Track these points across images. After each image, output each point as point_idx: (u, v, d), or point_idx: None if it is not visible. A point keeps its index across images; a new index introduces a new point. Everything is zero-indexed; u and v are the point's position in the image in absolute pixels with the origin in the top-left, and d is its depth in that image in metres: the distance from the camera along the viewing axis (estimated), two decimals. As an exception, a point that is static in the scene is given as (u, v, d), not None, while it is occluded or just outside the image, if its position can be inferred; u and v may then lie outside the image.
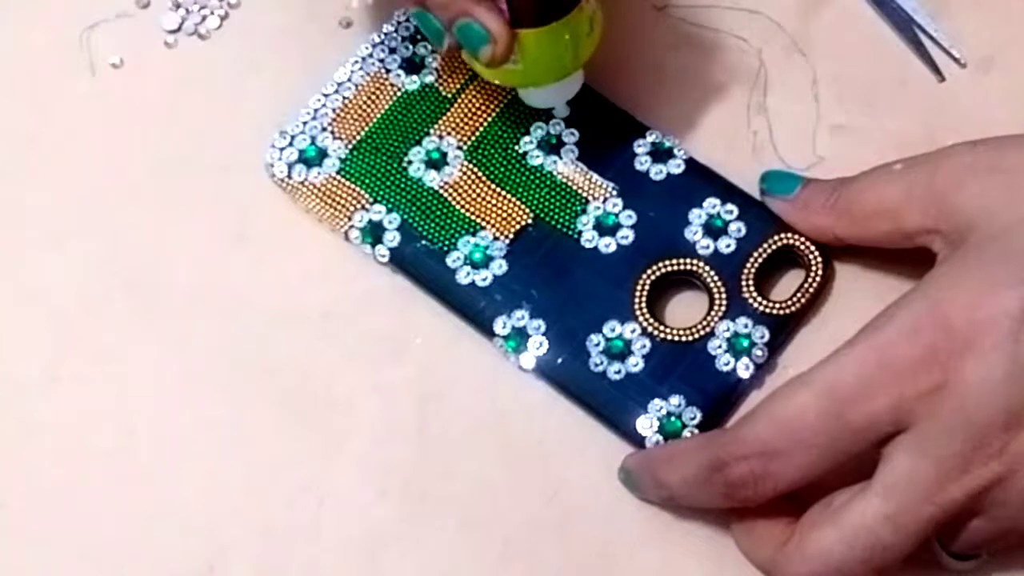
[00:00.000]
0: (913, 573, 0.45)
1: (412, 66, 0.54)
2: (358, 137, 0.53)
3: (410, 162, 0.53)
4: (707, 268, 0.50)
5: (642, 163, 0.52)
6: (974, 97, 0.48)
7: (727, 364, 0.49)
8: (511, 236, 0.51)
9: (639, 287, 0.50)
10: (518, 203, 0.52)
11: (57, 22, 0.56)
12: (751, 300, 0.50)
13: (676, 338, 0.50)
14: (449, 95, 0.54)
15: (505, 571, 0.49)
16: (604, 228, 0.51)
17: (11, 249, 0.53)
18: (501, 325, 0.50)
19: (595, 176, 0.52)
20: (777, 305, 0.50)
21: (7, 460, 0.51)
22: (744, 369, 0.49)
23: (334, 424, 0.50)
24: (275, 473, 0.50)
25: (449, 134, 0.53)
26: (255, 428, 0.51)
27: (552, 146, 0.53)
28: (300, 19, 0.56)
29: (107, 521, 0.50)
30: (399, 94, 0.54)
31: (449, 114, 0.53)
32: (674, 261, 0.51)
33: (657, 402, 0.49)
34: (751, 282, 0.50)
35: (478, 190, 0.52)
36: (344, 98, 0.54)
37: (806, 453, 0.44)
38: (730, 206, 0.51)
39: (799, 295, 0.50)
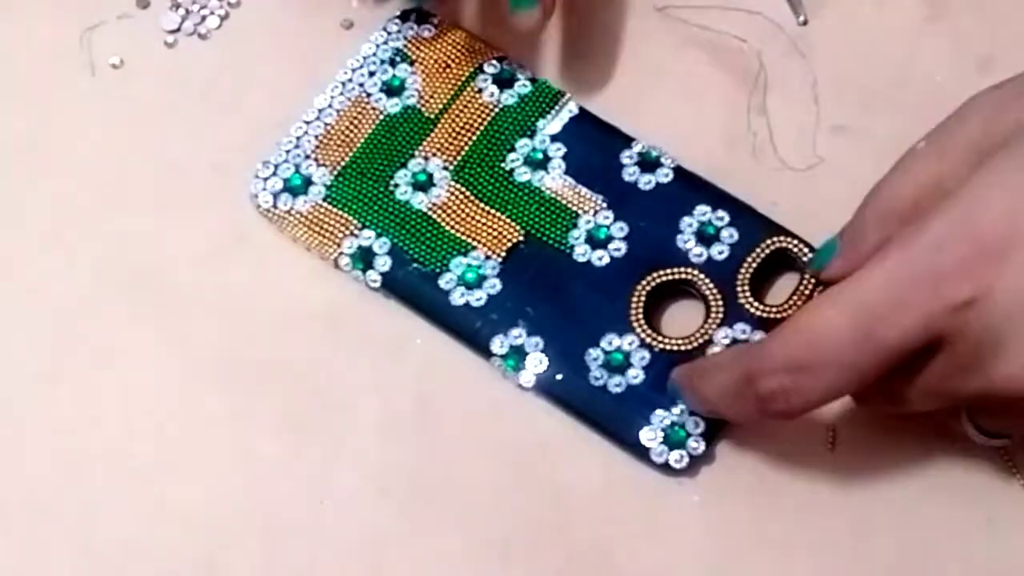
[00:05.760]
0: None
1: (392, 89, 0.54)
2: (343, 163, 0.53)
3: (396, 185, 0.52)
4: (702, 276, 0.50)
5: (630, 174, 0.52)
6: (974, 97, 0.48)
7: None
8: (503, 254, 0.51)
9: (635, 298, 0.50)
10: (508, 221, 0.52)
11: (57, 22, 0.56)
12: (747, 305, 0.50)
13: (675, 348, 0.50)
14: (432, 116, 0.53)
15: (505, 571, 0.49)
16: (596, 241, 0.51)
17: (11, 249, 0.53)
18: (498, 344, 0.50)
19: (584, 190, 0.52)
20: (774, 309, 0.50)
21: (7, 460, 0.51)
22: (744, 375, 0.49)
23: (334, 424, 0.50)
24: (275, 473, 0.50)
25: (434, 155, 0.53)
26: (255, 428, 0.51)
27: (538, 162, 0.52)
28: (300, 19, 0.56)
29: (107, 521, 0.50)
30: (381, 117, 0.54)
31: (433, 135, 0.53)
32: (668, 270, 0.51)
33: (660, 413, 0.49)
34: (746, 287, 0.50)
35: (467, 210, 0.52)
36: (326, 124, 0.54)
37: (836, 371, 0.43)
38: (721, 212, 0.51)
39: (795, 298, 0.50)
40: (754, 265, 0.50)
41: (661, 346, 0.50)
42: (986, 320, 0.42)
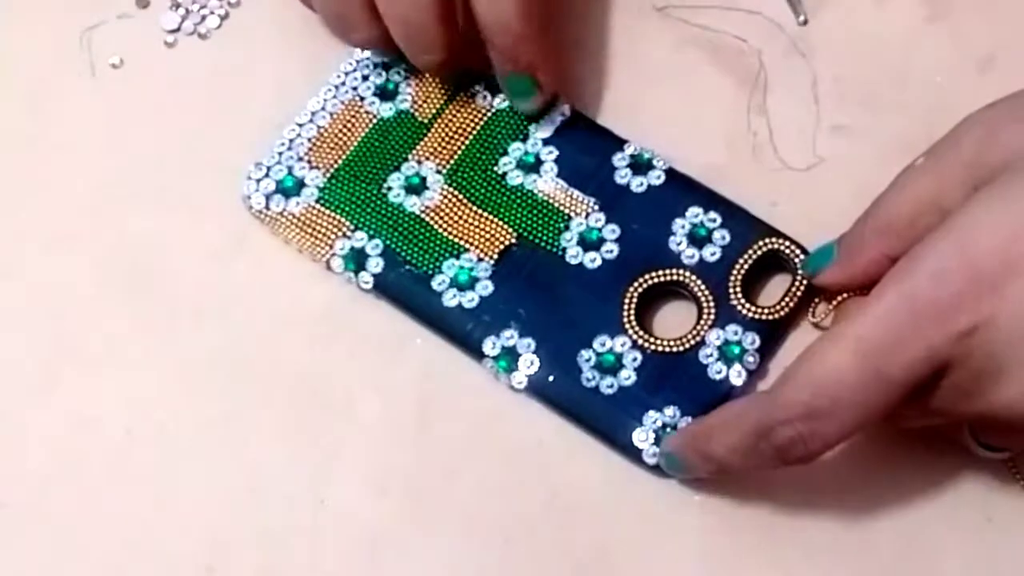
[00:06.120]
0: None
1: (386, 93, 0.54)
2: (336, 165, 0.53)
3: (390, 188, 0.52)
4: (694, 277, 0.50)
5: (622, 176, 0.52)
6: (974, 97, 0.48)
7: (719, 372, 0.49)
8: (496, 257, 0.51)
9: (627, 300, 0.50)
10: (501, 223, 0.52)
11: (57, 22, 0.56)
12: (739, 307, 0.50)
13: (667, 349, 0.50)
14: (425, 120, 0.53)
15: (505, 571, 0.49)
16: (588, 243, 0.51)
17: (11, 249, 0.53)
18: (490, 346, 0.50)
19: (576, 192, 0.52)
20: (766, 310, 0.50)
21: (7, 460, 0.51)
22: (737, 376, 0.49)
23: (334, 424, 0.50)
24: (275, 473, 0.50)
25: (427, 159, 0.53)
26: (255, 428, 0.51)
27: (531, 165, 0.52)
28: (300, 19, 0.56)
29: (107, 521, 0.50)
30: (375, 121, 0.54)
31: (426, 139, 0.53)
32: (660, 272, 0.51)
33: (652, 414, 0.49)
34: (738, 289, 0.50)
35: (460, 213, 0.52)
36: (319, 127, 0.54)
37: (850, 411, 0.43)
38: (713, 214, 0.51)
39: (787, 299, 0.50)
40: (746, 266, 0.50)
41: (653, 347, 0.50)
42: (988, 347, 0.42)
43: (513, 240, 0.51)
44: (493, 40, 0.51)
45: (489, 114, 0.53)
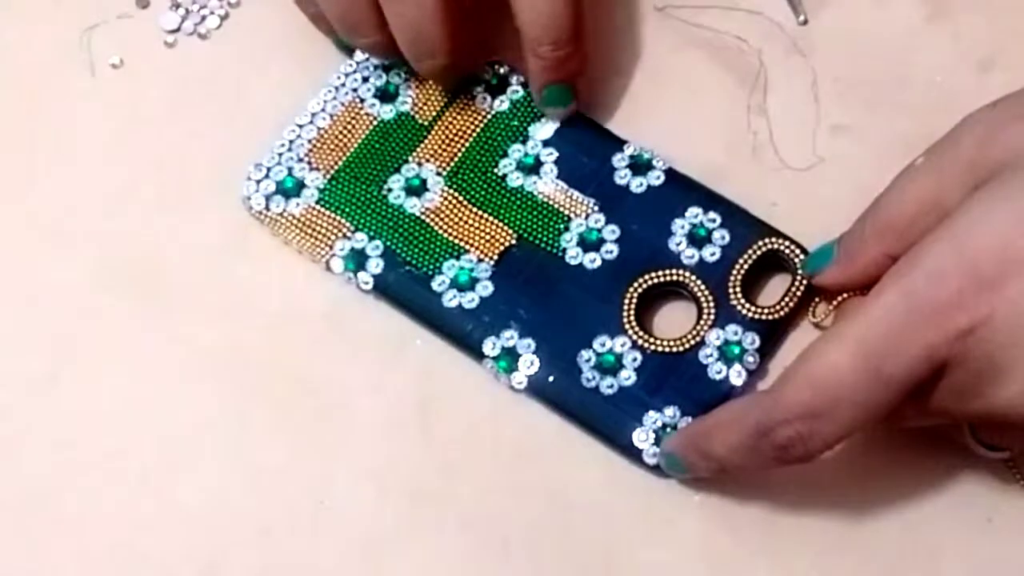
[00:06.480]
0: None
1: (386, 95, 0.54)
2: (336, 167, 0.53)
3: (390, 189, 0.52)
4: (693, 277, 0.50)
5: (622, 177, 0.52)
6: (974, 97, 0.48)
7: (719, 372, 0.49)
8: (495, 258, 0.51)
9: (627, 300, 0.50)
10: (501, 225, 0.52)
11: (57, 22, 0.56)
12: (739, 307, 0.50)
13: (667, 349, 0.50)
14: (425, 123, 0.53)
15: (505, 571, 0.49)
16: (588, 244, 0.51)
17: (11, 249, 0.53)
18: (491, 346, 0.50)
19: (576, 193, 0.52)
20: (765, 310, 0.50)
21: (7, 460, 0.51)
22: (737, 376, 0.49)
23: (334, 424, 0.50)
24: (275, 473, 0.50)
25: (428, 161, 0.53)
26: (255, 428, 0.51)
27: (531, 167, 0.52)
28: (300, 19, 0.56)
29: (107, 522, 0.50)
30: (375, 123, 0.54)
31: (427, 141, 0.53)
32: (660, 272, 0.51)
33: (652, 414, 0.49)
34: (738, 289, 0.50)
35: (460, 214, 0.52)
36: (319, 128, 0.54)
37: (849, 411, 0.43)
38: (712, 214, 0.51)
39: (787, 299, 0.50)
40: (746, 266, 0.50)
41: (653, 347, 0.50)
42: (986, 347, 0.42)
43: (513, 241, 0.51)
44: (540, 52, 0.51)
45: (489, 116, 0.53)
